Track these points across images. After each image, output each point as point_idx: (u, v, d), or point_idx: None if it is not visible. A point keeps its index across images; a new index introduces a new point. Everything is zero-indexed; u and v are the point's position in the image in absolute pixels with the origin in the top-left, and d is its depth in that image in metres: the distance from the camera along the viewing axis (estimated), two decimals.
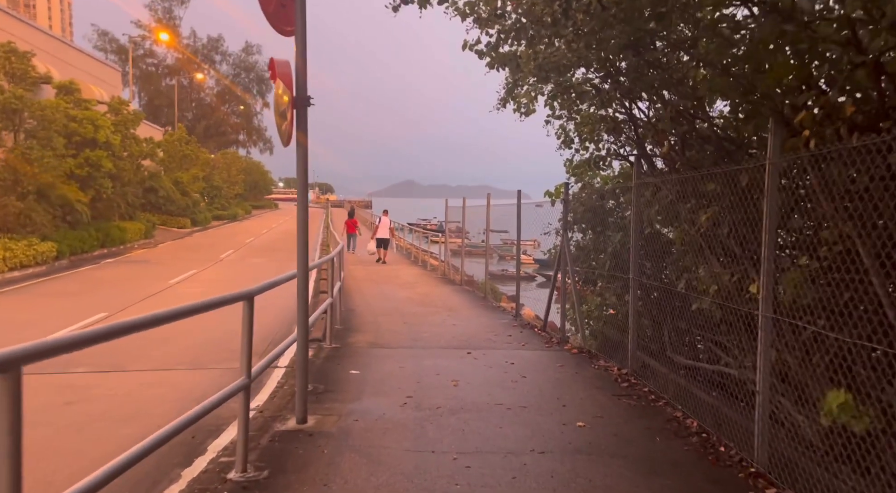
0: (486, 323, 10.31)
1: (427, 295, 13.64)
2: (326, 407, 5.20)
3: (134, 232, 25.92)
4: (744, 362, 5.21)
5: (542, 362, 7.31)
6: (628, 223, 7.81)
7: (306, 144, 4.61)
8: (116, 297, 12.53)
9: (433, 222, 63.83)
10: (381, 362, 7.01)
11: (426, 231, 26.60)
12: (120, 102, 26.44)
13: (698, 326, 5.83)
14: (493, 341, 8.60)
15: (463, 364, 6.97)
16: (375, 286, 15.04)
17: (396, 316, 10.71)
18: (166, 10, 63.48)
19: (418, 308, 11.71)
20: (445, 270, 18.04)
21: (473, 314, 11.25)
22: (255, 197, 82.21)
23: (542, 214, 11.42)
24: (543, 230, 10.87)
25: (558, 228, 9.88)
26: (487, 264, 14.60)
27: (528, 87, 9.53)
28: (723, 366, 5.38)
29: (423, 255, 22.19)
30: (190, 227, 36.74)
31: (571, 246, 9.35)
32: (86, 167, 21.68)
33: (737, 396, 4.83)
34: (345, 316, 10.51)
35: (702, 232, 6.19)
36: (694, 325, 5.87)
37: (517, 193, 11.42)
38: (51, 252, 17.96)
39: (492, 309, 12.22)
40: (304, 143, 4.58)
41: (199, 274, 16.85)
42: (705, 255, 6.15)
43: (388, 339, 8.53)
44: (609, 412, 5.29)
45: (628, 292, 7.70)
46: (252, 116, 71.75)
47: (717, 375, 5.38)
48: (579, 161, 10.05)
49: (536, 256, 41.61)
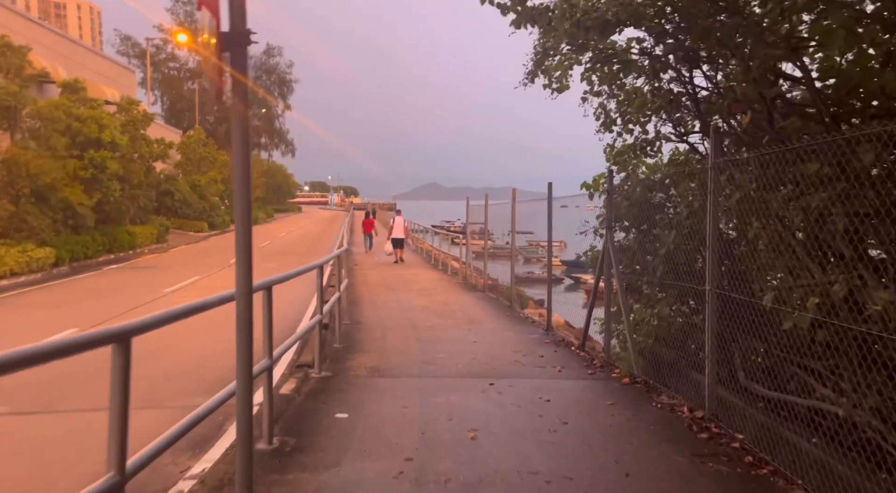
0: (512, 339, 8.73)
1: (446, 304, 12.11)
2: (289, 482, 3.68)
3: (145, 236, 24.92)
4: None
5: (586, 397, 5.70)
6: (683, 219, 6.21)
7: (245, 103, 3.10)
8: (100, 308, 11.28)
9: (457, 224, 62.33)
10: (379, 398, 5.48)
11: (449, 233, 25.13)
12: (130, 101, 25.48)
13: (796, 350, 4.21)
14: (521, 365, 7.02)
15: (484, 402, 5.41)
16: (390, 293, 13.56)
17: (408, 330, 9.19)
18: (188, 13, 63.17)
19: (435, 320, 10.18)
20: (467, 273, 16.48)
21: (498, 327, 9.68)
22: (278, 200, 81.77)
23: (568, 213, 9.86)
24: (579, 229, 9.29)
25: (596, 226, 8.29)
26: (513, 267, 12.97)
27: (562, 57, 7.95)
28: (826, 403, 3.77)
29: (446, 258, 20.63)
30: (207, 231, 35.84)
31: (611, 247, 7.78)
32: (90, 169, 20.65)
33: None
34: (348, 331, 9.04)
35: (802, 228, 4.57)
36: (790, 349, 4.25)
37: (548, 187, 9.83)
38: (48, 258, 16.89)
39: (519, 320, 10.62)
40: (241, 100, 3.07)
41: (200, 281, 15.59)
42: (800, 258, 4.52)
43: (394, 363, 7.02)
44: (694, 486, 3.68)
45: (685, 303, 6.08)
46: (273, 118, 71.13)
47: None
48: (622, 147, 8.43)
49: (563, 257, 39.73)
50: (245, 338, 2.96)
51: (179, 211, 34.49)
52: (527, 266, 37.10)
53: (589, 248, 8.92)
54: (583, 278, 28.78)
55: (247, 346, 2.97)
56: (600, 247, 8.46)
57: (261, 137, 71.44)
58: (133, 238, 23.65)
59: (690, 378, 5.28)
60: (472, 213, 16.94)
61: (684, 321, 5.95)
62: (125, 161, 24.04)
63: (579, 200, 9.53)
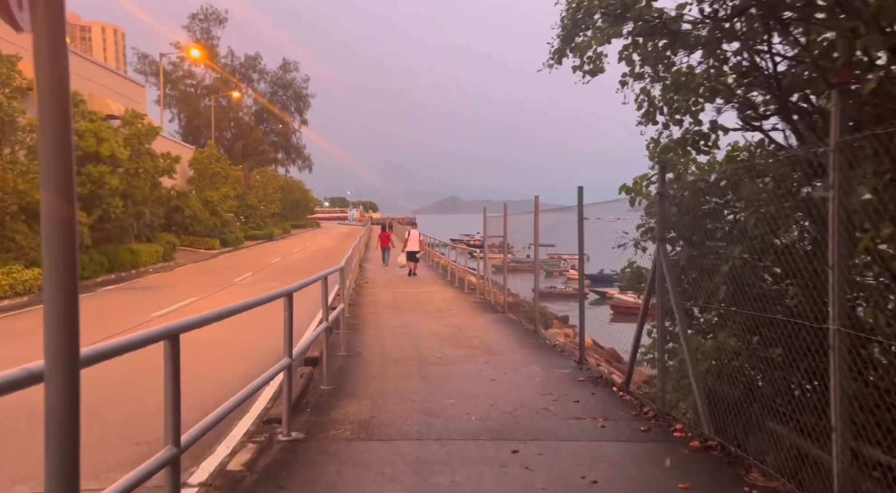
0: (539, 375, 7.19)
1: (460, 329, 10.60)
2: None
3: (149, 255, 23.83)
4: None
5: (646, 475, 4.13)
6: (750, 227, 4.75)
7: (63, 25, 1.65)
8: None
9: (476, 238, 60.82)
10: (360, 479, 3.99)
11: (469, 247, 23.60)
12: (134, 114, 24.57)
13: None
14: (553, 417, 5.48)
15: (505, 486, 3.89)
16: (398, 316, 12.10)
17: (414, 364, 7.71)
18: (204, 30, 63.20)
19: (447, 350, 8.69)
20: (486, 289, 14.95)
21: (521, 359, 8.14)
22: (296, 216, 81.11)
23: (589, 224, 8.48)
24: (601, 240, 7.81)
25: (636, 238, 6.81)
26: (537, 282, 11.43)
27: (595, 30, 6.50)
28: None
29: (463, 273, 19.10)
30: (219, 248, 34.80)
31: (646, 261, 6.33)
32: (88, 184, 19.61)
33: None
34: (343, 366, 7.60)
35: None
36: None
37: (577, 192, 8.32)
38: (37, 280, 15.76)
39: (545, 349, 9.07)
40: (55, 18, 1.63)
41: (195, 304, 14.31)
42: None
43: (390, 413, 5.53)
44: None
45: (756, 333, 4.54)
46: (290, 133, 70.66)
47: None
48: (668, 142, 6.96)
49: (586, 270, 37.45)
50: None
51: (190, 228, 33.53)
52: (548, 280, 35.20)
53: (627, 263, 7.37)
54: (609, 293, 27.08)
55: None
56: (641, 262, 6.97)
57: (278, 153, 70.94)
58: (136, 257, 22.57)
59: (799, 449, 3.71)
60: (490, 225, 15.46)
61: (784, 361, 4.38)
62: (129, 176, 23.06)
63: (600, 210, 8.09)
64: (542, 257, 16.48)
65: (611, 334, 16.95)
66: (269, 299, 4.52)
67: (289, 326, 4.77)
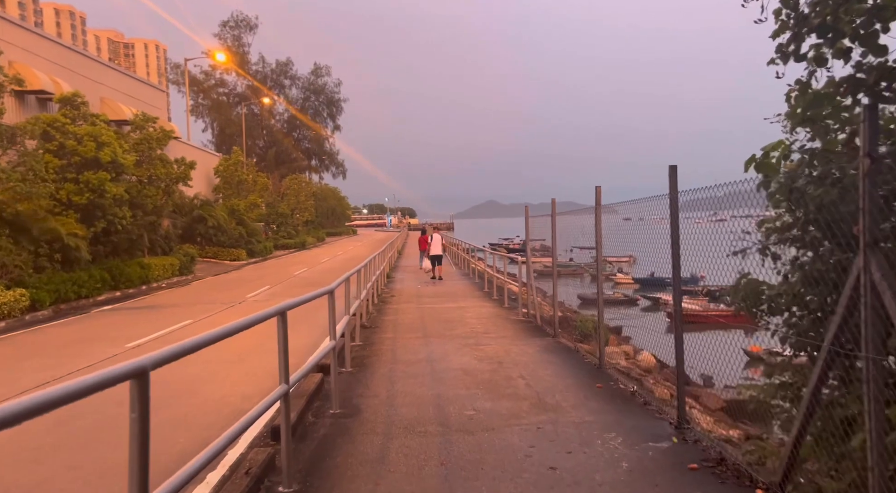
0: (625, 458, 4.60)
1: (501, 364, 8.06)
2: None
3: (162, 269, 22.05)
4: None
5: None
6: None
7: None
8: (23, 377, 7.90)
9: (516, 242, 57.79)
10: None
11: (509, 254, 20.91)
12: (145, 117, 22.89)
13: None
14: None
15: None
16: (422, 344, 9.63)
17: (432, 434, 5.23)
18: (235, 37, 62.37)
19: (481, 403, 6.18)
20: (529, 301, 12.33)
21: (591, 422, 5.55)
22: (332, 224, 79.78)
23: (627, 224, 6.95)
24: (734, 246, 5.16)
25: (761, 240, 4.33)
26: (601, 300, 8.30)
27: None
28: None
29: (502, 282, 16.46)
30: (245, 258, 33.08)
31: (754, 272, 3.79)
32: (86, 193, 17.88)
33: None
34: (328, 436, 5.18)
35: None
36: None
37: (669, 172, 5.69)
38: (19, 302, 13.95)
39: (619, 398, 6.43)
40: None
41: (190, 326, 12.20)
42: None
43: None
44: None
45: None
46: (323, 140, 69.22)
47: None
48: (826, 84, 4.42)
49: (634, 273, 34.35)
50: None
51: (214, 238, 31.91)
52: (592, 286, 31.98)
53: (740, 274, 4.73)
54: (663, 299, 24.11)
55: None
56: (762, 275, 4.36)
57: (311, 160, 69.55)
58: (147, 271, 20.79)
59: None
60: (533, 227, 12.88)
61: None
62: (138, 184, 21.36)
63: (632, 209, 5.66)
64: (586, 260, 13.91)
65: (668, 345, 14.08)
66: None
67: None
